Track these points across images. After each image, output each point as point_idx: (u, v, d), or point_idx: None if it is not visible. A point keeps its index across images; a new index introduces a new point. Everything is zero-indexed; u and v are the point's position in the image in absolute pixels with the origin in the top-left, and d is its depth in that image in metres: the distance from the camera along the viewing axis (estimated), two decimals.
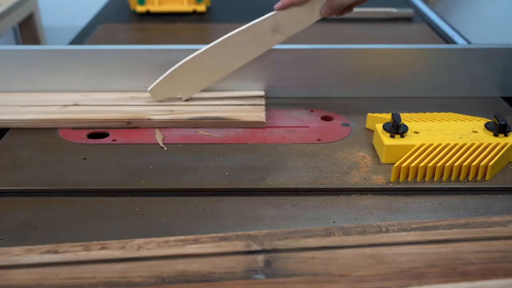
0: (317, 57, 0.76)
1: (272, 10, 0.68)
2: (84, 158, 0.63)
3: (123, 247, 0.41)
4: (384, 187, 0.57)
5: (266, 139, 0.67)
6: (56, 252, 0.41)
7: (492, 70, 0.77)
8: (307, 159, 0.62)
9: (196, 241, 0.42)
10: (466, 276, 0.40)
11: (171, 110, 0.72)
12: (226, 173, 0.60)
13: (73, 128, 0.69)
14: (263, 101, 0.75)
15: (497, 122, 0.61)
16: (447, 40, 1.05)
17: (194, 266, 0.40)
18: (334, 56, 0.76)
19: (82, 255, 0.41)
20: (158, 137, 0.67)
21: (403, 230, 0.44)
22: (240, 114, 0.71)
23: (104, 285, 0.38)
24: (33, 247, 0.41)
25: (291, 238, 0.43)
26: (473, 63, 0.76)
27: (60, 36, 2.06)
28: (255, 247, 0.42)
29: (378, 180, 0.58)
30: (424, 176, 0.58)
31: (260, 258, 0.41)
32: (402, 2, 1.36)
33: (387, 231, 0.44)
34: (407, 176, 0.58)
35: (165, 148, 0.64)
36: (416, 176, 0.58)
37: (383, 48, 0.77)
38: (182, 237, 0.42)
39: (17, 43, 1.98)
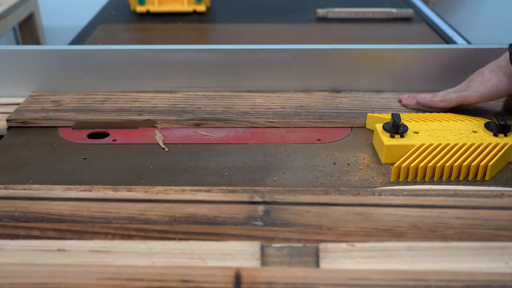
0: (317, 57, 0.76)
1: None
2: (84, 158, 0.63)
3: (145, 192, 0.48)
4: None
5: (266, 139, 0.67)
6: (90, 191, 0.48)
7: None
8: (307, 159, 0.63)
9: (208, 191, 0.48)
10: (443, 238, 0.43)
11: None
12: (226, 173, 0.60)
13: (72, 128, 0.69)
14: None
15: (497, 122, 0.61)
16: (447, 40, 1.05)
17: (203, 210, 0.46)
18: (334, 56, 0.76)
19: (110, 194, 0.47)
20: (159, 138, 0.67)
21: (394, 195, 0.48)
22: None
23: (125, 220, 0.44)
24: (71, 187, 0.48)
25: (290, 193, 0.48)
26: (473, 63, 0.76)
27: (60, 36, 2.06)
28: (257, 198, 0.48)
29: (378, 180, 0.58)
30: (424, 176, 0.58)
31: (261, 208, 0.46)
32: (402, 2, 1.36)
33: (379, 195, 0.48)
34: (407, 176, 0.58)
35: (166, 149, 0.64)
36: (416, 176, 0.58)
37: (383, 48, 0.77)
38: (196, 188, 0.48)
39: (17, 43, 1.98)
